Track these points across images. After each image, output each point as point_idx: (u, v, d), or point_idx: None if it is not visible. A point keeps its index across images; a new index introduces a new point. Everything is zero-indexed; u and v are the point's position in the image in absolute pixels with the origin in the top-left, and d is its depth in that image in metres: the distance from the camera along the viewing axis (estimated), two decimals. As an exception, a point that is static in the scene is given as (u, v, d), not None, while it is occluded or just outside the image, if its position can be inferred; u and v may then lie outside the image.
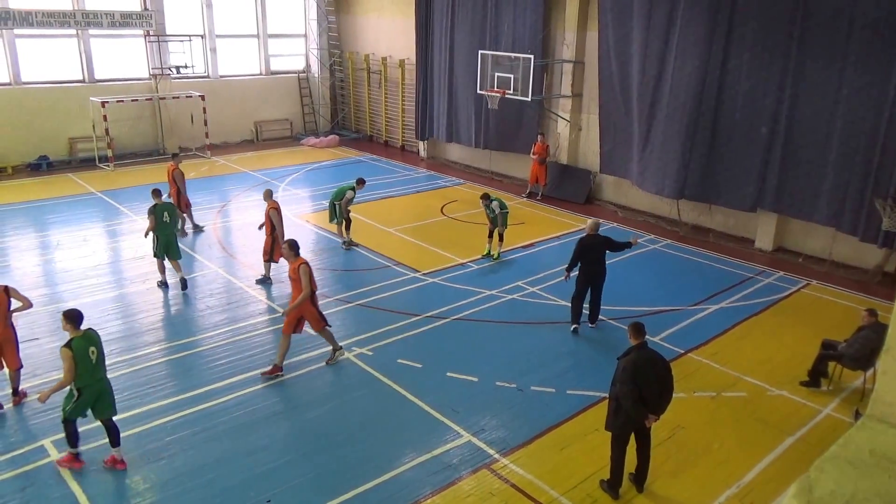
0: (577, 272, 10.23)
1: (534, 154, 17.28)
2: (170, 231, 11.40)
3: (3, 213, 15.63)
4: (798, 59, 12.85)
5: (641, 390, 6.39)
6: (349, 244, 13.67)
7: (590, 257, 10.05)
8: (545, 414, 8.21)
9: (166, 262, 11.51)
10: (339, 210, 13.52)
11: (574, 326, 10.29)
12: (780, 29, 12.95)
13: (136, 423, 7.85)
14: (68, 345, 6.67)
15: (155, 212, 11.20)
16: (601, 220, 10.60)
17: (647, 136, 15.60)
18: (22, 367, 8.27)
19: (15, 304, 8.06)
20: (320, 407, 8.28)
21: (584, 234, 10.21)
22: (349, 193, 13.43)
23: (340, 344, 9.40)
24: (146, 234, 11.47)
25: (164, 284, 11.59)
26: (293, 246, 8.76)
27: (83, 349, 6.72)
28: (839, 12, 12.17)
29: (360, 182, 13.71)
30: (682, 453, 7.55)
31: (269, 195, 11.86)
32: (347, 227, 13.69)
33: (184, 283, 11.47)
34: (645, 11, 14.98)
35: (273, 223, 11.47)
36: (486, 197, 12.92)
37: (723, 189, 14.36)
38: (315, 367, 9.15)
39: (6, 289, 7.99)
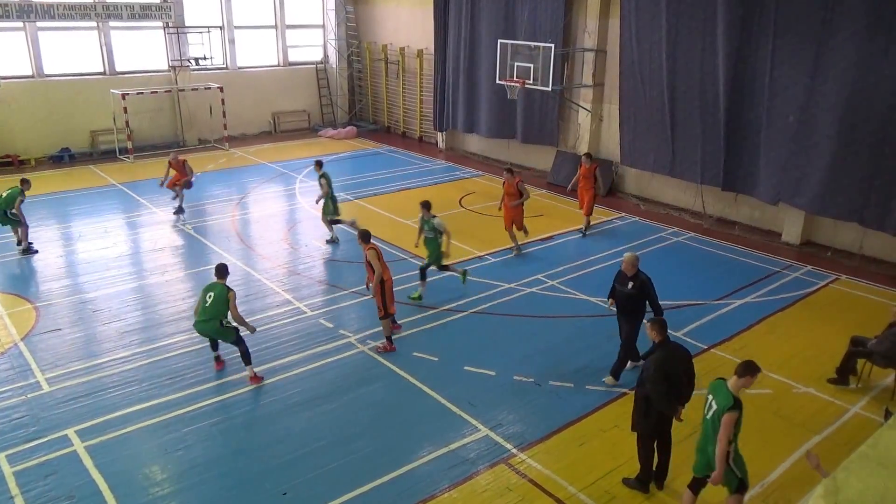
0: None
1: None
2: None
3: (26, 204, 15.75)
4: (831, 45, 12.38)
5: (672, 387, 6.27)
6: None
7: (620, 297, 8.29)
8: (563, 409, 8.09)
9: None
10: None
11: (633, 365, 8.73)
12: (811, 14, 12.54)
13: (154, 413, 7.88)
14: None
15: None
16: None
17: (671, 125, 15.31)
18: None
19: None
20: (336, 400, 8.24)
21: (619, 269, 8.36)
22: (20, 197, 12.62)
23: (357, 336, 9.32)
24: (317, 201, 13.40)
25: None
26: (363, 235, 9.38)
27: (203, 292, 8.46)
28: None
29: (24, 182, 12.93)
30: (705, 451, 7.38)
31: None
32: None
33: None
34: (670, -2, 14.66)
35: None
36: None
37: (751, 180, 14.05)
38: (331, 360, 9.11)
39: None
